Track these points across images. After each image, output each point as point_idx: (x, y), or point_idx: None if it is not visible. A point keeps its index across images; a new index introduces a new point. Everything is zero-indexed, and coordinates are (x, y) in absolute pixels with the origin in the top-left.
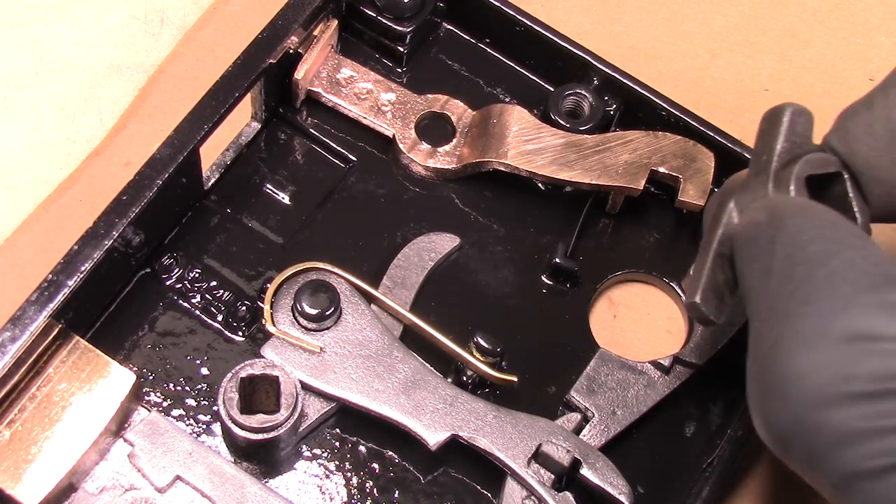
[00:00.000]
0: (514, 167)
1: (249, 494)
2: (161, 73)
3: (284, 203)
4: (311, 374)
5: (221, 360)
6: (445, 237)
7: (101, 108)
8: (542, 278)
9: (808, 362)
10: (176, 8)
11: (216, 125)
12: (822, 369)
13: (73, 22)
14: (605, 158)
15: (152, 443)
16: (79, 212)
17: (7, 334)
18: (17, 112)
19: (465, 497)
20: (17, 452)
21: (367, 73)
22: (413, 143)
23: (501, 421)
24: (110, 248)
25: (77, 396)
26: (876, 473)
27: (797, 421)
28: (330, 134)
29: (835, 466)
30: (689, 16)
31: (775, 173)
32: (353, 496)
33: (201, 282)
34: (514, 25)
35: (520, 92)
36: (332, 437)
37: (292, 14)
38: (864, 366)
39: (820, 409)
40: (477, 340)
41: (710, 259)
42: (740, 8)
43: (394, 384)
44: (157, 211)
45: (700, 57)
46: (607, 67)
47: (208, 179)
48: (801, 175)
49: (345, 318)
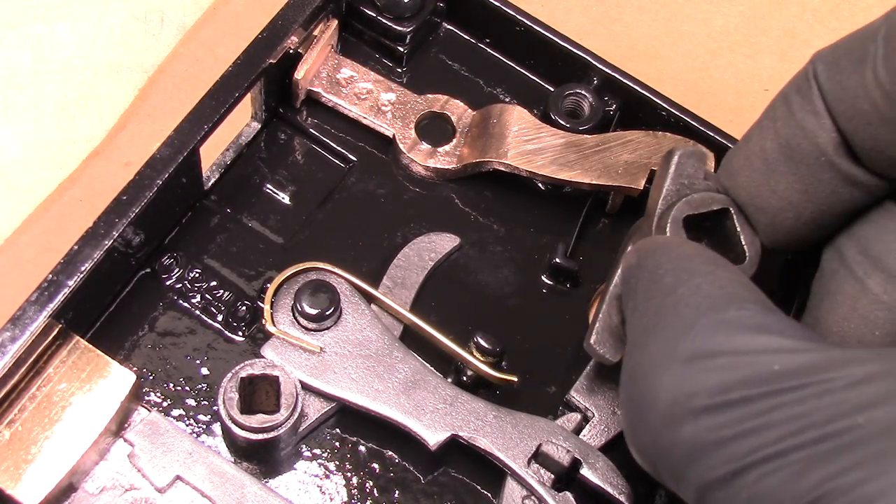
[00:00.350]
0: (514, 167)
1: (249, 494)
2: (161, 73)
3: (284, 203)
4: (311, 374)
5: (221, 360)
6: (445, 237)
7: (101, 108)
8: (542, 278)
9: (658, 384)
10: (176, 8)
11: (216, 125)
12: (670, 389)
13: (73, 22)
14: (605, 158)
15: (152, 443)
16: (79, 212)
17: (7, 334)
18: (17, 112)
19: (465, 497)
20: (17, 452)
21: (367, 73)
22: (413, 143)
23: (501, 421)
24: (110, 248)
25: (77, 396)
26: (721, 482)
27: (655, 441)
28: (330, 134)
29: (690, 482)
30: (689, 16)
31: (658, 215)
32: (353, 496)
33: (201, 282)
34: (514, 25)
35: (520, 92)
36: (332, 437)
37: (292, 14)
38: (704, 381)
39: (671, 428)
40: (477, 340)
41: (606, 301)
42: (740, 8)
43: (394, 384)
44: (157, 211)
45: (700, 57)
46: (607, 67)
47: (208, 179)
48: (678, 216)
49: (345, 318)
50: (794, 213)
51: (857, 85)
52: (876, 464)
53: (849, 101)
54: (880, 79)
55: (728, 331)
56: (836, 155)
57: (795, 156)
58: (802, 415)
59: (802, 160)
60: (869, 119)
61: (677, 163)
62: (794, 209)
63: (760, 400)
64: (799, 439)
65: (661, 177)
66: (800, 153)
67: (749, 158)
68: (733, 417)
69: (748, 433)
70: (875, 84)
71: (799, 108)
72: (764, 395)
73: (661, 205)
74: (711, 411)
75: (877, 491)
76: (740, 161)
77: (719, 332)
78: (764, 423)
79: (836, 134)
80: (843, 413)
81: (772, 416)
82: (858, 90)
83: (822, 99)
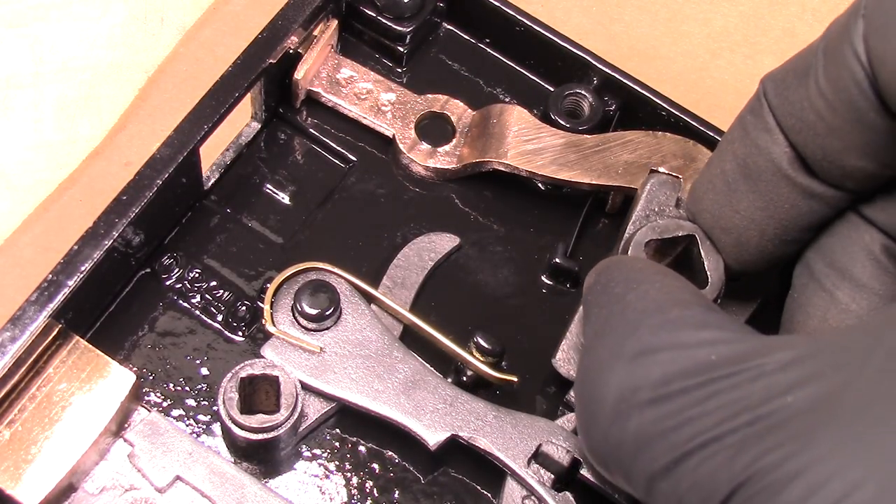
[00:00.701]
0: (514, 167)
1: (249, 494)
2: (161, 73)
3: (284, 203)
4: (311, 374)
5: (221, 360)
6: (445, 237)
7: (101, 108)
8: (542, 278)
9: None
10: (176, 8)
11: (216, 125)
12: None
13: (73, 22)
14: (605, 158)
15: (152, 443)
16: (79, 212)
17: (7, 334)
18: (17, 112)
19: (465, 497)
20: (17, 452)
21: (367, 73)
22: (413, 143)
23: (501, 421)
24: (110, 248)
25: (77, 396)
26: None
27: (605, 438)
28: (330, 134)
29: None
30: (689, 16)
31: (625, 240)
32: (353, 496)
33: (201, 282)
34: (514, 25)
35: (520, 92)
36: (332, 437)
37: (292, 14)
38: (648, 376)
39: (618, 424)
40: (477, 340)
41: (574, 321)
42: (740, 8)
43: (394, 384)
44: (157, 211)
45: (700, 57)
46: (607, 67)
47: (208, 179)
48: (640, 239)
49: (345, 318)
50: (759, 231)
51: (802, 98)
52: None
53: (796, 114)
54: (822, 89)
55: (671, 328)
56: (791, 169)
57: (753, 174)
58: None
59: (760, 177)
60: (815, 129)
61: (649, 190)
62: (758, 226)
63: (698, 389)
64: (734, 423)
65: (634, 203)
66: (757, 171)
67: (711, 182)
68: (674, 408)
69: (688, 421)
70: (818, 94)
71: (753, 128)
72: (701, 385)
73: (629, 230)
74: (654, 403)
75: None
76: (703, 186)
77: (663, 331)
78: (702, 410)
79: (790, 149)
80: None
81: (709, 403)
82: (804, 102)
83: (772, 116)
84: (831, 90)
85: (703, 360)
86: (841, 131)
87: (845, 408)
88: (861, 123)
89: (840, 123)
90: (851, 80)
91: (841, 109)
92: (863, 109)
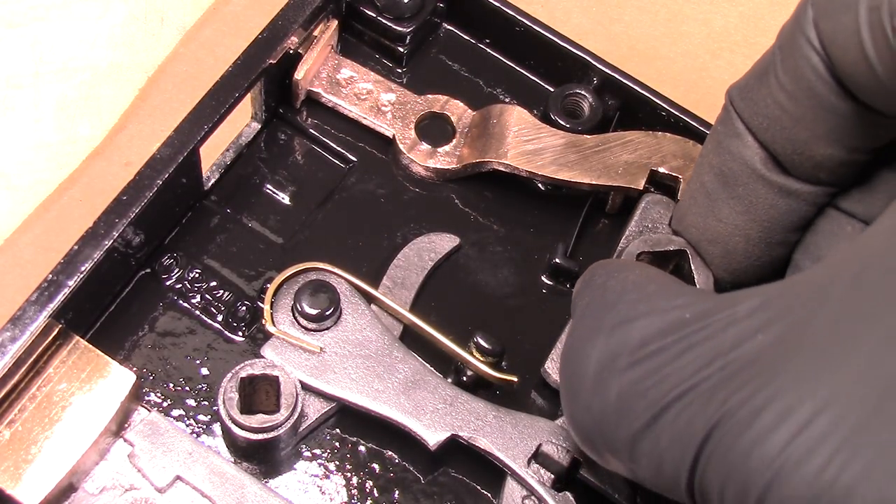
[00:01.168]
0: (514, 167)
1: (249, 494)
2: (161, 73)
3: (284, 203)
4: (311, 374)
5: (221, 360)
6: (445, 237)
7: (101, 108)
8: (542, 278)
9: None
10: (176, 8)
11: (216, 125)
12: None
13: (73, 22)
14: (605, 158)
15: (152, 443)
16: (79, 212)
17: (7, 334)
18: (17, 112)
19: (465, 497)
20: (17, 452)
21: (367, 74)
22: (413, 144)
23: (501, 421)
24: (110, 248)
25: (77, 396)
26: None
27: (589, 412)
28: (330, 134)
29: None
30: (689, 16)
31: (618, 252)
32: (353, 496)
33: (201, 282)
34: (514, 25)
35: (520, 92)
36: (332, 437)
37: (292, 14)
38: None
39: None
40: (477, 340)
41: (566, 331)
42: (740, 8)
43: (394, 384)
44: (157, 211)
45: (700, 57)
46: (607, 67)
47: (208, 179)
48: (632, 250)
49: (345, 318)
50: (744, 237)
51: (765, 96)
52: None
53: (761, 112)
54: (782, 82)
55: (647, 300)
56: (765, 169)
57: (730, 180)
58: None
59: (737, 182)
60: (781, 123)
61: (643, 208)
62: (742, 232)
63: (674, 345)
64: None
65: (628, 220)
66: (733, 176)
67: (692, 196)
68: (651, 367)
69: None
70: (778, 88)
71: (724, 137)
72: (677, 341)
73: (621, 244)
74: (633, 366)
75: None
76: (686, 202)
77: (640, 303)
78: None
79: (761, 150)
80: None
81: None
82: (767, 100)
83: (740, 121)
84: (790, 81)
85: (677, 319)
86: (805, 120)
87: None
88: (823, 109)
89: (803, 112)
90: (808, 66)
91: (802, 98)
92: (822, 94)
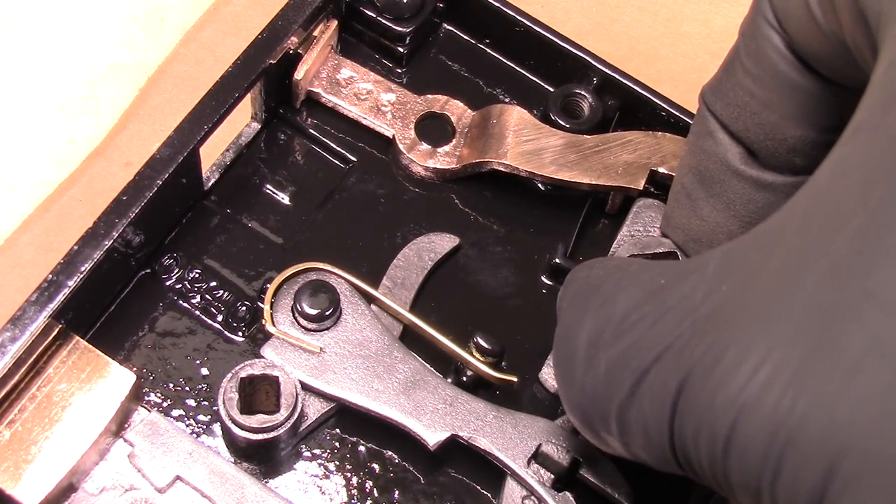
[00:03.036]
0: (514, 167)
1: (249, 494)
2: (161, 73)
3: (284, 203)
4: (311, 374)
5: (221, 360)
6: (445, 237)
7: (101, 108)
8: (542, 278)
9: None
10: (176, 8)
11: (216, 125)
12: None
13: (73, 22)
14: (605, 158)
15: (152, 443)
16: (79, 212)
17: (7, 334)
18: (17, 112)
19: (465, 497)
20: (17, 452)
21: (367, 74)
22: (413, 144)
23: (501, 421)
24: (110, 248)
25: (77, 396)
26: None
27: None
28: (330, 134)
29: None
30: (689, 16)
31: (611, 255)
32: (353, 496)
33: (201, 282)
34: (514, 26)
35: (520, 92)
36: (332, 437)
37: (292, 14)
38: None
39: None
40: (477, 340)
41: None
42: (740, 8)
43: (394, 384)
44: (157, 211)
45: (700, 57)
46: (607, 67)
47: (208, 179)
48: (623, 254)
49: (345, 318)
50: (727, 232)
51: (732, 84)
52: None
53: (731, 102)
54: (746, 67)
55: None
56: (739, 164)
57: (707, 178)
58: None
59: (714, 180)
60: (750, 109)
61: (635, 212)
62: (725, 228)
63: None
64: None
65: (620, 225)
66: (709, 175)
67: (675, 198)
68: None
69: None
70: (744, 73)
71: (698, 137)
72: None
73: (613, 247)
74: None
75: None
76: (670, 205)
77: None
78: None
79: (734, 144)
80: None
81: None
82: (735, 88)
83: (713, 117)
84: (754, 64)
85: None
86: (773, 103)
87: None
88: (789, 88)
89: (769, 95)
90: (769, 46)
91: (767, 79)
92: (786, 73)
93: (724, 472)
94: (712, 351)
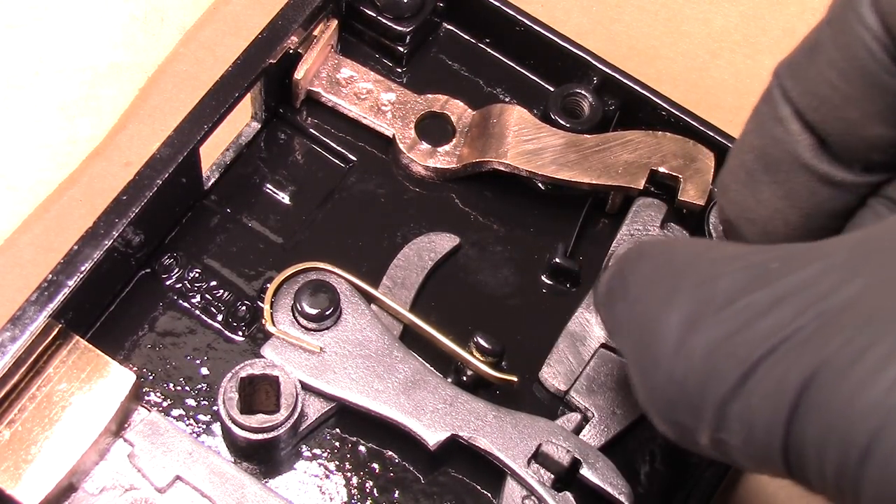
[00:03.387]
0: (514, 167)
1: (249, 494)
2: (161, 73)
3: (284, 203)
4: (311, 374)
5: (221, 360)
6: (445, 237)
7: (101, 108)
8: (542, 278)
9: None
10: (176, 8)
11: (216, 125)
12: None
13: (73, 22)
14: (605, 158)
15: (152, 443)
16: (79, 212)
17: (7, 334)
18: (17, 112)
19: (465, 497)
20: (17, 452)
21: (367, 73)
22: (413, 143)
23: (501, 421)
24: (110, 248)
25: (77, 396)
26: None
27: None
28: (330, 134)
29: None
30: (689, 16)
31: (609, 256)
32: (353, 496)
33: (201, 282)
34: (514, 25)
35: (520, 92)
36: (332, 437)
37: (292, 14)
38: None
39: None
40: (477, 340)
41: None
42: (740, 8)
43: (394, 384)
44: (157, 211)
45: (700, 57)
46: (607, 67)
47: (208, 179)
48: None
49: (345, 318)
50: (783, 220)
51: (815, 73)
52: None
53: (811, 91)
54: (832, 59)
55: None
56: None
57: (771, 165)
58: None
59: (779, 167)
60: (832, 102)
61: (634, 211)
62: (782, 215)
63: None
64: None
65: (620, 224)
66: (774, 162)
67: (734, 173)
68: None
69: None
70: (828, 65)
71: (767, 119)
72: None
73: (612, 247)
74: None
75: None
76: (728, 176)
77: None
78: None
79: (808, 135)
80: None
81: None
82: (817, 77)
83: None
84: (841, 58)
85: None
86: (857, 99)
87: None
88: (876, 87)
89: (854, 91)
90: (860, 44)
91: (853, 76)
92: (875, 73)
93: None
94: (849, 348)
